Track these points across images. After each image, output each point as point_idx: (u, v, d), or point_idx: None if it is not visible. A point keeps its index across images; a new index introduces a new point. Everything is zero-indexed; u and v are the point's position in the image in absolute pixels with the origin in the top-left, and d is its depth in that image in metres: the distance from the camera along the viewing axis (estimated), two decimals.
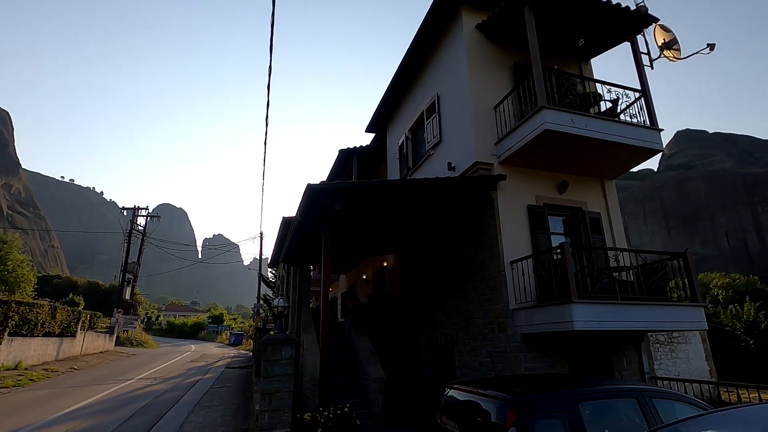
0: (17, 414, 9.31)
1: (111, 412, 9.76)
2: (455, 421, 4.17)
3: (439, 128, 9.75)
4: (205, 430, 8.38)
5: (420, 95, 11.16)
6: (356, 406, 7.76)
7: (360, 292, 16.95)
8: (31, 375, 14.56)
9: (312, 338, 10.16)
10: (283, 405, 5.61)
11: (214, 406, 10.81)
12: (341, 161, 14.23)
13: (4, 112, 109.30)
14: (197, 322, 57.47)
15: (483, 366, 7.46)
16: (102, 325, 26.32)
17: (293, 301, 12.70)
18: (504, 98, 8.18)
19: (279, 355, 5.80)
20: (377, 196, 7.45)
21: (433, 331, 9.71)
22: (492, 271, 7.56)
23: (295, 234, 9.33)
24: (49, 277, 45.90)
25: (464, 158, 8.43)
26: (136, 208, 34.18)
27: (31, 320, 16.41)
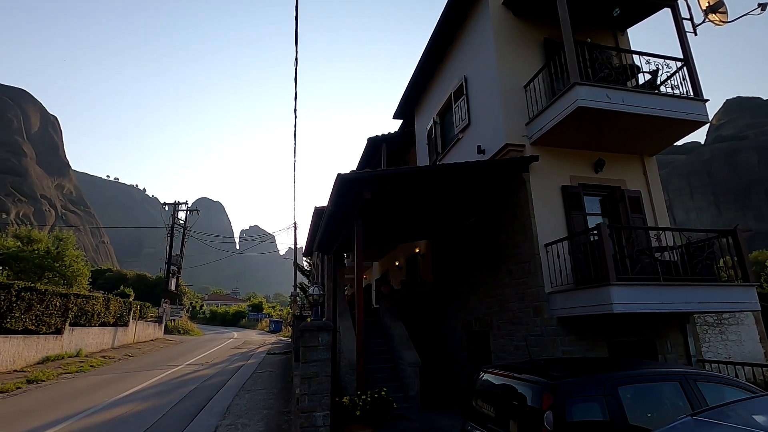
0: (81, 397, 10.11)
1: (163, 396, 10.41)
2: (491, 404, 4.19)
3: (467, 111, 9.57)
4: (250, 412, 8.79)
5: (447, 78, 10.97)
6: (393, 390, 7.93)
7: (393, 278, 17.10)
8: (91, 361, 15.70)
9: (348, 324, 10.39)
10: (321, 389, 5.81)
11: (258, 389, 11.30)
12: (370, 149, 14.26)
13: (53, 118, 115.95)
14: (238, 311, 59.85)
15: (518, 350, 7.41)
16: (151, 315, 27.90)
17: (328, 288, 13.00)
18: (534, 76, 7.92)
19: (316, 341, 5.98)
20: (406, 183, 7.44)
21: (467, 316, 9.70)
22: (526, 255, 7.44)
23: (327, 223, 9.49)
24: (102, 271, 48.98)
25: (494, 141, 8.27)
26: (177, 203, 35.70)
27: (88, 311, 17.63)
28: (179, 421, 8.09)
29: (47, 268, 22.43)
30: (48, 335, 14.82)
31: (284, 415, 8.55)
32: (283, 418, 8.28)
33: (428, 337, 11.63)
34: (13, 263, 22.07)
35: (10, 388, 10.97)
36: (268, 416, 8.46)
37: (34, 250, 22.75)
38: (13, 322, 12.86)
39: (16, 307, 12.91)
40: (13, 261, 22.09)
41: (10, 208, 74.23)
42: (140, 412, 8.72)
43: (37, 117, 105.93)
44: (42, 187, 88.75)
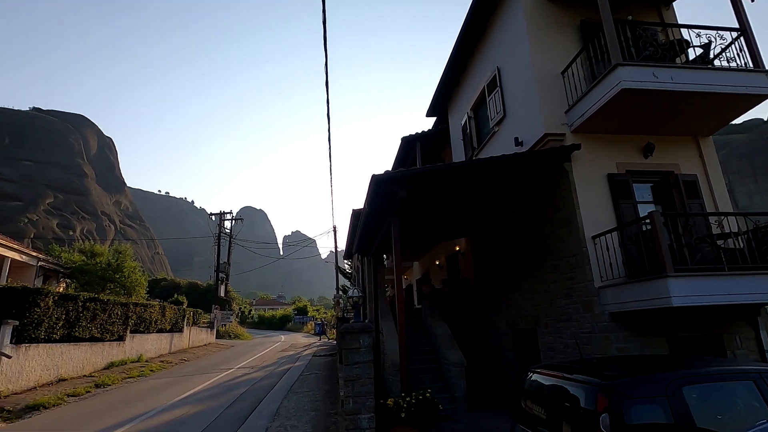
0: (143, 400, 10.71)
1: (217, 398, 10.82)
2: (541, 405, 4.00)
3: (502, 103, 9.29)
4: (298, 414, 8.94)
5: (479, 71, 10.71)
6: (438, 391, 7.80)
7: (434, 277, 16.92)
8: (151, 366, 16.62)
9: (390, 325, 10.36)
10: (365, 391, 5.80)
11: (305, 391, 11.50)
12: (404, 149, 14.19)
13: (108, 139, 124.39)
14: (284, 315, 61.49)
15: (569, 348, 7.08)
16: (203, 321, 29.20)
17: (369, 290, 13.03)
18: (572, 61, 7.55)
19: (357, 343, 5.98)
20: (442, 180, 7.31)
21: (512, 314, 9.40)
22: (571, 248, 7.10)
23: (364, 225, 9.52)
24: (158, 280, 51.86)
25: (532, 131, 7.96)
26: (222, 213, 37.20)
27: (146, 319, 18.70)
28: (232, 423, 8.36)
29: (109, 280, 24.00)
30: (112, 342, 15.84)
31: (331, 416, 8.63)
32: (330, 420, 8.35)
33: (471, 336, 11.38)
34: (79, 276, 23.81)
35: (81, 392, 11.80)
36: (315, 418, 8.57)
37: (97, 263, 24.40)
38: (81, 330, 13.83)
39: (83, 317, 13.89)
40: (80, 274, 23.82)
41: (76, 225, 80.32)
42: (196, 414, 9.10)
43: (95, 140, 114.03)
44: (102, 205, 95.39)
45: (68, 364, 13.35)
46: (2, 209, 69.53)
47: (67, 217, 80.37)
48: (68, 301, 13.33)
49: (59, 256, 25.46)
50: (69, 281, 24.56)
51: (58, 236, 69.05)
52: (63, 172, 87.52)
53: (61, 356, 13.04)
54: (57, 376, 12.76)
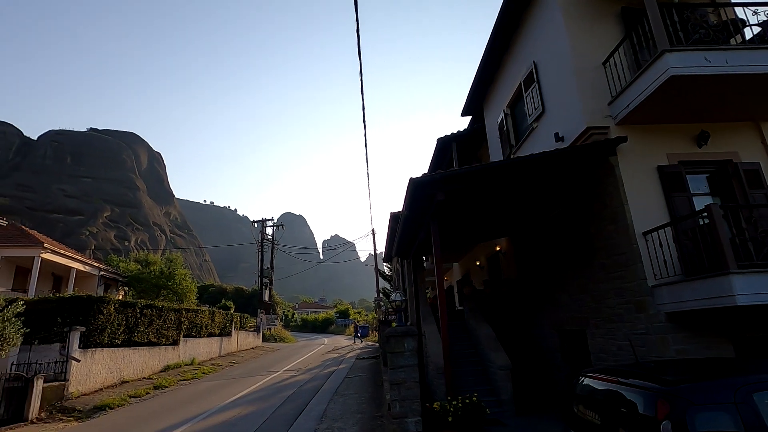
0: (197, 401, 11.24)
1: (266, 400, 11.18)
2: (594, 411, 3.85)
3: (540, 98, 9.05)
4: (345, 416, 9.07)
5: (515, 67, 10.48)
6: (483, 394, 7.67)
7: (475, 278, 16.67)
8: (203, 369, 17.41)
9: (432, 328, 10.30)
10: (411, 395, 5.80)
11: (350, 394, 11.65)
12: (440, 150, 14.10)
13: (157, 154, 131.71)
14: (327, 318, 62.56)
15: (621, 350, 6.76)
16: (250, 325, 30.23)
17: (410, 292, 13.03)
18: (614, 51, 7.24)
19: (402, 347, 6.00)
20: (480, 181, 7.21)
21: (558, 315, 9.10)
22: (621, 246, 6.79)
23: (403, 228, 9.54)
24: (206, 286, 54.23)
25: (573, 126, 7.69)
26: (264, 220, 38.42)
27: (197, 323, 19.61)
28: (281, 425, 8.60)
29: (162, 287, 25.38)
30: (167, 346, 16.73)
31: (376, 419, 8.69)
32: (376, 423, 8.41)
33: (516, 337, 11.10)
34: (135, 284, 25.34)
35: (142, 393, 12.54)
36: (361, 420, 8.66)
37: (151, 271, 25.87)
38: (140, 335, 14.71)
39: (141, 323, 14.76)
40: (136, 282, 25.35)
41: (131, 236, 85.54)
42: (247, 416, 9.44)
43: (145, 155, 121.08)
44: (153, 216, 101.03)
45: (129, 367, 14.22)
46: (66, 223, 75.22)
47: (122, 228, 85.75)
48: (127, 308, 14.22)
49: (117, 266, 27.23)
50: (127, 289, 26.19)
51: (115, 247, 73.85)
52: (118, 186, 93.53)
53: (123, 360, 13.91)
54: (120, 379, 13.63)
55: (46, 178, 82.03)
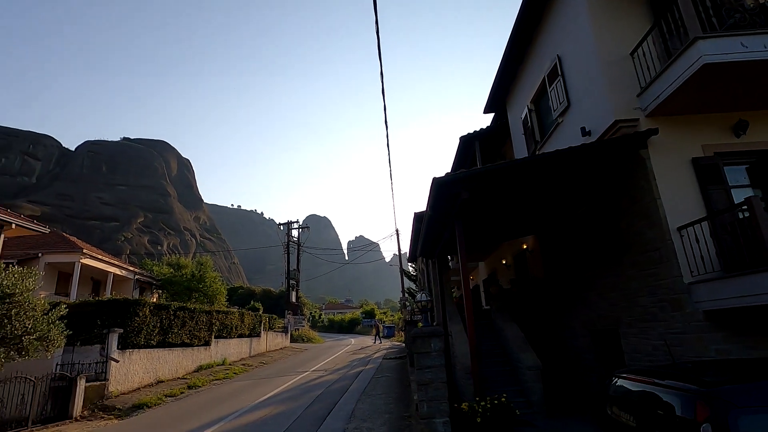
0: (229, 401, 11.53)
1: (295, 400, 11.35)
2: (629, 413, 3.74)
3: (565, 92, 8.84)
4: (373, 416, 9.11)
5: (538, 61, 10.29)
6: (512, 395, 7.55)
7: (501, 277, 16.43)
8: (234, 369, 17.83)
9: (459, 328, 10.23)
10: (439, 395, 5.77)
11: (378, 394, 11.69)
12: (463, 148, 13.98)
13: (186, 161, 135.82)
14: (353, 318, 62.96)
15: (657, 350, 6.52)
16: (278, 326, 30.76)
17: (435, 292, 12.96)
18: (642, 40, 7.00)
19: (428, 348, 5.98)
20: (505, 178, 7.12)
21: (589, 314, 8.86)
22: (653, 242, 6.55)
23: (427, 228, 9.51)
24: (235, 288, 55.52)
25: (600, 119, 7.48)
26: (289, 223, 39.06)
27: (227, 325, 20.10)
28: (311, 424, 8.72)
29: (194, 289, 26.16)
30: (199, 347, 17.23)
31: (404, 419, 8.68)
32: (404, 423, 8.41)
33: (544, 337, 10.88)
34: (168, 287, 26.22)
35: (176, 392, 12.96)
36: (389, 421, 8.68)
37: (182, 274, 26.71)
38: (173, 336, 15.20)
39: (174, 324, 15.26)
40: (169, 285, 26.22)
41: (163, 241, 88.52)
42: (277, 415, 9.61)
43: (175, 162, 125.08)
44: (184, 221, 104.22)
45: (164, 367, 14.72)
46: (103, 230, 78.52)
47: (155, 233, 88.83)
48: (161, 310, 14.73)
49: (151, 270, 28.24)
50: (160, 292, 27.13)
51: (148, 251, 76.61)
52: (150, 193, 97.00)
53: (158, 360, 14.42)
54: (155, 378, 14.13)
55: (83, 186, 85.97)
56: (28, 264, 16.86)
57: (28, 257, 18.78)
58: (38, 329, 8.58)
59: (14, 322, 8.19)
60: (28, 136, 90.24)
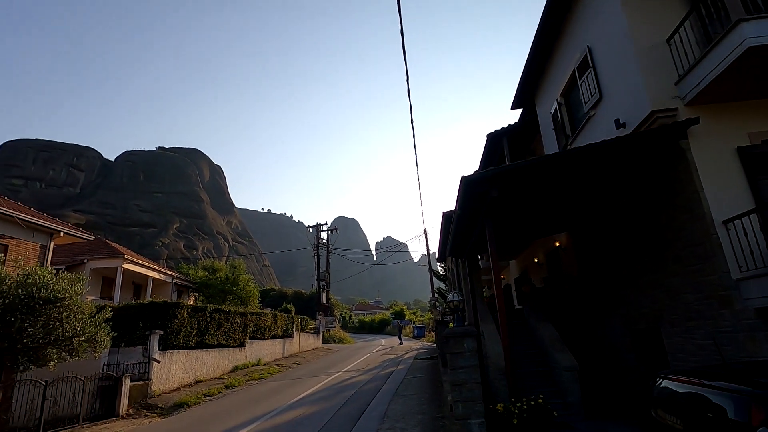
0: (265, 400, 11.79)
1: (329, 400, 11.48)
2: (676, 416, 3.58)
3: (596, 84, 8.57)
4: (406, 417, 9.10)
5: (567, 54, 10.02)
6: (548, 396, 7.35)
7: (533, 275, 16.08)
8: (269, 369, 18.22)
9: (491, 328, 10.07)
10: (473, 396, 5.70)
11: (410, 394, 11.67)
12: (491, 145, 13.77)
13: (218, 167, 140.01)
14: (383, 319, 63.07)
15: (702, 350, 6.21)
16: (310, 327, 31.20)
17: (466, 292, 12.83)
18: (679, 25, 6.70)
19: (461, 348, 5.92)
20: (536, 175, 6.96)
21: (629, 312, 8.54)
22: (697, 236, 6.25)
23: (456, 227, 9.43)
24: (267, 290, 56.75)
25: (635, 110, 7.21)
26: (318, 225, 39.56)
27: (261, 326, 20.57)
28: (345, 424, 8.80)
29: (228, 292, 26.90)
30: (235, 348, 17.70)
31: (438, 420, 8.63)
32: (438, 424, 8.36)
33: (580, 337, 10.57)
34: (204, 290, 27.08)
35: (214, 392, 13.36)
36: (422, 421, 8.64)
37: (217, 278, 27.53)
38: (210, 338, 15.69)
39: (211, 326, 15.74)
40: (204, 288, 27.08)
41: (198, 245, 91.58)
42: (311, 415, 9.75)
43: (207, 169, 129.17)
44: (217, 226, 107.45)
45: (202, 367, 15.21)
46: (142, 236, 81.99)
47: (190, 238, 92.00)
48: (198, 313, 15.22)
49: (187, 273, 29.23)
50: (197, 295, 28.04)
51: (184, 255, 79.40)
52: (184, 200, 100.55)
53: (196, 360, 14.91)
54: (194, 378, 14.61)
55: (123, 195, 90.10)
56: (76, 269, 17.82)
57: (75, 263, 19.82)
58: (87, 331, 9.04)
59: (65, 324, 8.67)
60: (72, 149, 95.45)
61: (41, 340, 8.43)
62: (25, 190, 78.53)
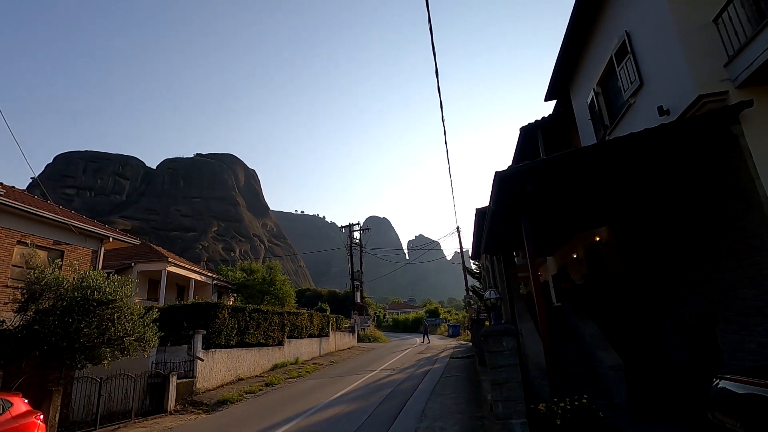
0: (304, 398, 12.02)
1: (366, 398, 11.56)
2: (735, 418, 3.37)
3: (636, 70, 8.19)
4: (444, 416, 9.03)
5: (603, 41, 9.63)
6: (591, 397, 7.09)
7: (572, 272, 15.57)
8: (306, 368, 18.57)
9: (529, 326, 9.83)
10: (514, 395, 5.58)
11: (447, 393, 11.57)
12: (525, 140, 13.43)
13: (252, 171, 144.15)
14: (417, 317, 62.87)
15: (764, 348, 5.81)
16: (345, 326, 31.55)
17: (502, 289, 12.59)
18: (728, 3, 6.28)
19: (501, 346, 5.81)
20: (573, 168, 6.73)
21: (678, 309, 8.11)
22: (753, 227, 5.85)
23: (491, 224, 9.27)
24: (303, 290, 57.83)
25: (680, 96, 6.83)
26: (351, 225, 39.93)
27: (298, 325, 20.99)
28: (383, 423, 8.83)
29: (265, 292, 27.65)
30: (273, 347, 18.15)
31: (477, 420, 8.51)
32: (477, 423, 8.24)
33: (624, 335, 10.13)
34: (243, 290, 27.94)
35: (255, 390, 13.75)
36: (461, 421, 8.55)
37: (254, 278, 28.34)
38: (250, 337, 16.16)
39: (250, 325, 16.21)
40: (243, 288, 27.95)
41: (235, 247, 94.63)
42: (350, 413, 9.86)
43: (242, 174, 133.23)
44: (253, 228, 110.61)
45: (243, 365, 15.69)
46: (183, 239, 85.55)
47: (228, 241, 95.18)
48: (238, 313, 15.71)
49: (226, 275, 30.25)
50: (236, 295, 28.98)
51: (223, 258, 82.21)
52: (222, 204, 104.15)
53: (237, 359, 15.39)
54: (236, 376, 15.09)
55: (165, 201, 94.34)
56: (124, 273, 18.79)
57: (123, 267, 20.93)
58: (136, 331, 9.53)
59: (117, 324, 9.17)
60: (117, 159, 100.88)
61: (96, 339, 8.95)
62: (77, 199, 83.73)
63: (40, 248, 10.73)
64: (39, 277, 9.00)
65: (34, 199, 12.64)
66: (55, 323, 8.62)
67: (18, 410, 7.19)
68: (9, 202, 10.41)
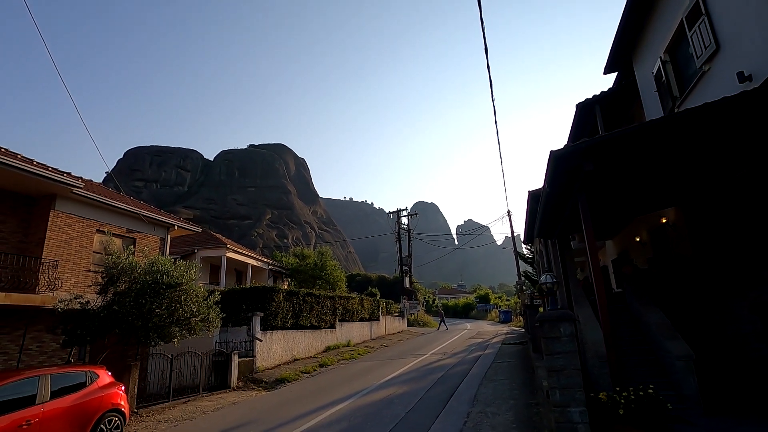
0: (357, 379, 12.36)
1: (417, 381, 11.68)
2: None
3: (711, 33, 7.39)
4: (497, 401, 8.93)
5: (671, 3, 8.77)
6: (657, 387, 6.68)
7: (635, 256, 14.63)
8: (358, 350, 19.05)
9: (587, 312, 9.41)
10: (572, 383, 5.37)
11: (500, 379, 11.41)
12: (581, 117, 12.66)
13: (302, 160, 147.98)
14: (467, 303, 62.34)
15: None
16: (394, 310, 31.93)
17: (557, 274, 12.11)
18: None
19: (557, 332, 5.59)
20: (637, 144, 6.25)
21: (759, 296, 7.38)
22: None
23: (545, 206, 8.89)
24: (353, 275, 59.10)
25: (766, 59, 6.09)
26: (398, 211, 40.01)
27: (349, 309, 21.53)
28: (434, 405, 8.90)
29: (317, 277, 28.53)
30: (326, 329, 18.77)
31: (532, 407, 8.33)
32: (532, 410, 8.07)
33: (692, 323, 9.41)
34: (296, 275, 29.00)
35: (310, 370, 14.33)
36: (515, 407, 8.42)
37: (307, 264, 29.30)
38: (304, 319, 16.81)
39: (304, 309, 16.85)
40: (296, 273, 29.00)
41: (288, 234, 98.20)
42: (402, 395, 10.01)
43: (292, 162, 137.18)
44: (304, 215, 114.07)
45: (298, 347, 16.38)
46: (240, 227, 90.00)
47: (281, 228, 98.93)
48: (292, 296, 16.36)
49: (280, 260, 31.51)
50: (289, 280, 30.15)
51: (276, 244, 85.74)
52: (275, 192, 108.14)
53: (292, 340, 16.08)
54: (291, 357, 15.80)
55: (222, 190, 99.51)
56: (188, 258, 20.12)
57: (187, 253, 22.39)
58: (201, 312, 10.20)
59: (184, 306, 9.86)
60: (179, 152, 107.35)
61: (166, 319, 9.69)
62: (145, 190, 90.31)
63: (116, 236, 11.71)
64: (116, 262, 9.84)
65: (109, 192, 13.77)
66: (131, 304, 9.43)
67: (103, 381, 8.00)
68: (90, 195, 11.41)
